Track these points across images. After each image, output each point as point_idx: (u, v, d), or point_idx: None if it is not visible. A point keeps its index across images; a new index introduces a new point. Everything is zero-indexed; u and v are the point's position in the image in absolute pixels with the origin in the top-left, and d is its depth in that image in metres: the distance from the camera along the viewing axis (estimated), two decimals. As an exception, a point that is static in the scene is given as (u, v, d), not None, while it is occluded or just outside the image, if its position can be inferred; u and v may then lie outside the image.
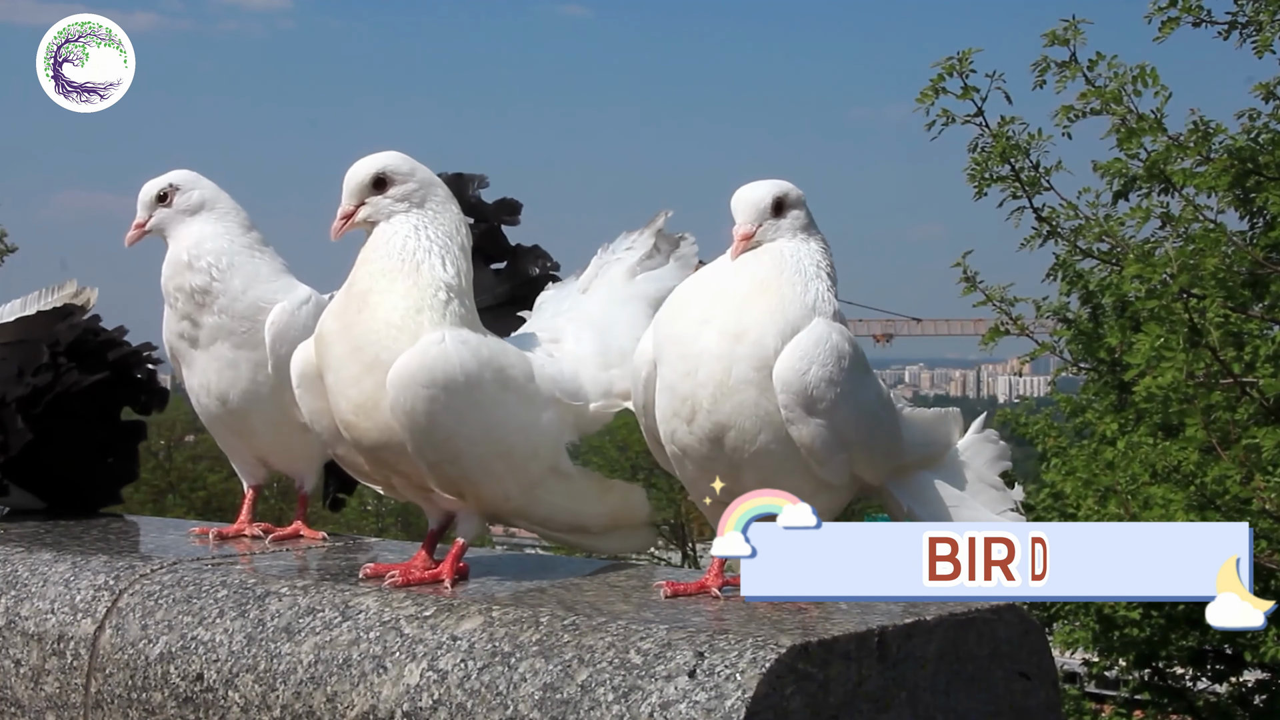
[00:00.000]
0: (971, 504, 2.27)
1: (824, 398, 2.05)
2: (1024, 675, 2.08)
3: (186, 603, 2.25)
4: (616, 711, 1.77)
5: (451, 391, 2.15)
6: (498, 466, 2.24)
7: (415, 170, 2.26)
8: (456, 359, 2.16)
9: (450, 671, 1.93)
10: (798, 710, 1.76)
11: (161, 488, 29.01)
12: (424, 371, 2.14)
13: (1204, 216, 7.10)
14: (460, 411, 2.17)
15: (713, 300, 2.11)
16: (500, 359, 2.24)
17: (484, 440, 2.21)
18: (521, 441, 2.25)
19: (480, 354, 2.20)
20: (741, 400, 2.06)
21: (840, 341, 2.08)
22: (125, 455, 3.14)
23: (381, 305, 2.18)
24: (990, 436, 2.37)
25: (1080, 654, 10.22)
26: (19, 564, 2.50)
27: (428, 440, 2.17)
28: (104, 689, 2.25)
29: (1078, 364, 9.12)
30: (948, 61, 7.00)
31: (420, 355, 2.15)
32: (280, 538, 2.72)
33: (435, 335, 2.17)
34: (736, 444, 2.08)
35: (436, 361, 2.15)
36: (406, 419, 2.15)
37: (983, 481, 2.31)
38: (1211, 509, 6.83)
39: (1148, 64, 6.91)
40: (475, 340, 2.21)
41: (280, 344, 2.61)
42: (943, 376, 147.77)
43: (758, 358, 2.06)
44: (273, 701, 2.06)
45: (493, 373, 2.21)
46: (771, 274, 2.10)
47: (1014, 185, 7.25)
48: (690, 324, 2.11)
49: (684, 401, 2.10)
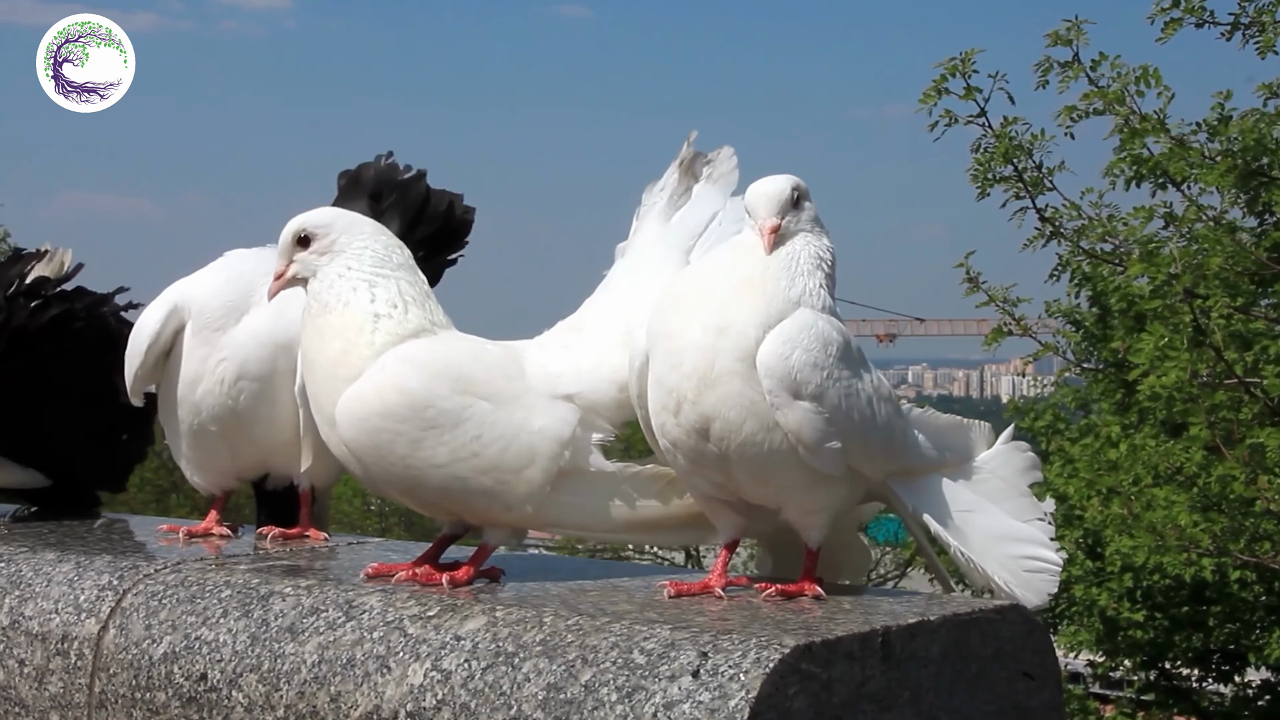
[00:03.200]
0: (990, 509, 2.25)
1: (809, 380, 2.03)
2: (1028, 675, 2.08)
3: (190, 603, 2.26)
4: (620, 711, 1.77)
5: (393, 417, 2.13)
6: (481, 481, 2.17)
7: (334, 221, 2.28)
8: (393, 382, 2.14)
9: (454, 671, 1.93)
10: (801, 710, 1.76)
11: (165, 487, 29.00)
12: (361, 404, 2.14)
13: (1207, 216, 7.09)
14: (410, 435, 2.13)
15: (700, 295, 2.10)
16: (459, 366, 2.18)
17: (452, 458, 2.15)
18: (505, 450, 2.17)
19: (430, 366, 2.16)
20: (726, 391, 2.05)
21: (826, 329, 2.06)
22: (135, 433, 3.10)
23: (320, 359, 2.20)
24: (1020, 447, 2.33)
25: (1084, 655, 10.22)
26: (23, 564, 2.50)
27: (387, 471, 2.17)
28: (108, 689, 2.25)
29: (1081, 364, 9.13)
30: (950, 62, 7.00)
31: (358, 388, 2.15)
32: (285, 537, 2.73)
33: (376, 364, 2.15)
34: (722, 434, 2.06)
35: (372, 391, 2.14)
36: (360, 455, 2.16)
37: (1011, 489, 2.28)
38: (1215, 510, 6.83)
39: (1150, 65, 6.91)
40: (423, 353, 2.17)
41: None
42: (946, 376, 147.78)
43: (740, 349, 2.04)
44: (276, 701, 2.07)
45: (450, 383, 2.15)
46: (758, 270, 2.08)
47: (1017, 186, 7.25)
48: (678, 319, 2.10)
49: (670, 394, 2.09)
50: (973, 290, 7.39)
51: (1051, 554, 2.21)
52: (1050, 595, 2.22)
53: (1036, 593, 2.19)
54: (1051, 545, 2.23)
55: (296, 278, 2.27)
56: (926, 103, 7.07)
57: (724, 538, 2.22)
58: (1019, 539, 2.23)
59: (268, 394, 2.67)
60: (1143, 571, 8.00)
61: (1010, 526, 2.24)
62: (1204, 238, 6.87)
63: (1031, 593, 2.18)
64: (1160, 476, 7.19)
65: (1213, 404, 6.64)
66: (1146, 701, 10.31)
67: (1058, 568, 2.21)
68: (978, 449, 2.32)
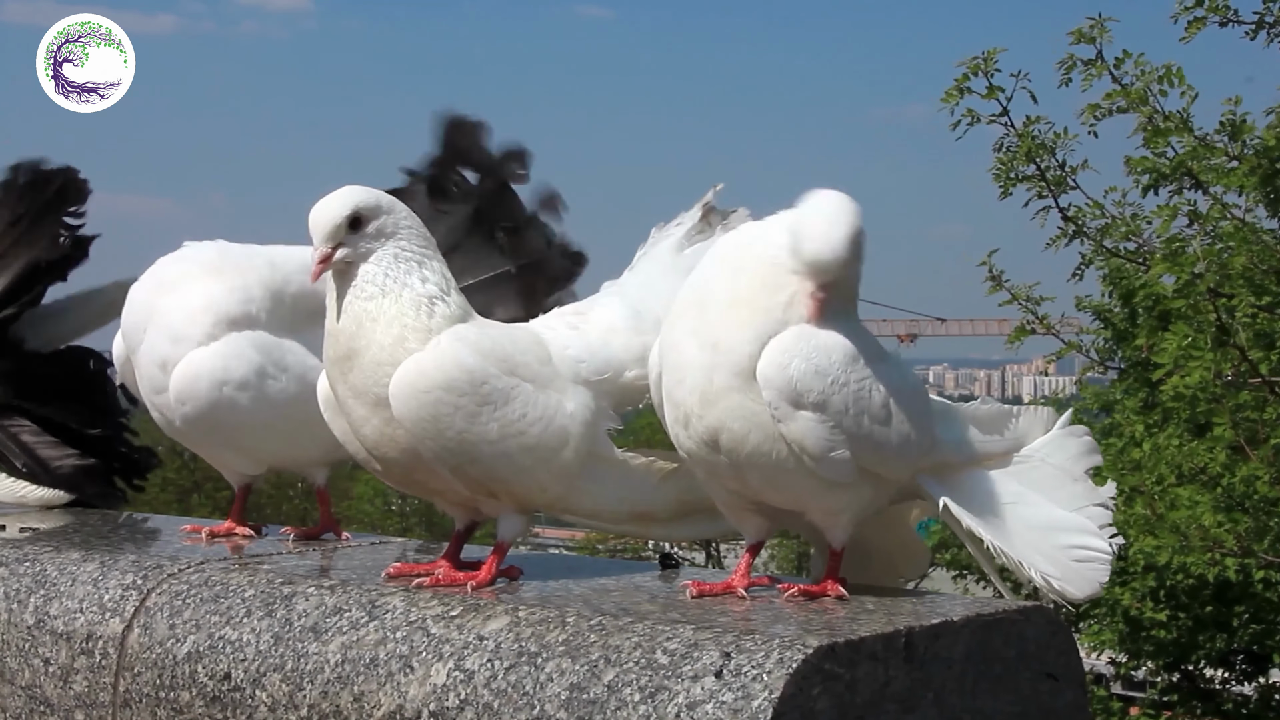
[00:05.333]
0: (1035, 500, 2.21)
1: (810, 389, 2.01)
2: (1051, 676, 2.07)
3: (214, 602, 2.26)
4: (643, 712, 1.77)
5: (454, 390, 2.14)
6: (524, 460, 2.20)
7: (381, 201, 2.24)
8: (452, 357, 2.15)
9: (477, 671, 1.93)
10: (824, 711, 1.76)
11: (186, 487, 29.11)
12: (422, 377, 2.14)
13: (1232, 215, 7.05)
14: (468, 409, 2.15)
15: (694, 310, 2.10)
16: (504, 347, 2.21)
17: (502, 435, 2.18)
18: (545, 430, 2.21)
19: (481, 346, 2.18)
20: (727, 405, 2.04)
21: (829, 337, 2.03)
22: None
23: (370, 345, 2.18)
24: (1075, 431, 2.29)
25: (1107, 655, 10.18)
26: (48, 563, 2.51)
27: (441, 445, 2.16)
28: (132, 688, 2.26)
29: (1104, 363, 9.08)
30: (972, 61, 6.97)
31: (416, 361, 2.15)
32: (308, 536, 2.74)
33: (430, 342, 2.16)
34: (731, 446, 2.06)
35: (431, 364, 2.14)
36: (414, 428, 2.15)
37: (1065, 476, 2.24)
38: (1239, 510, 6.80)
39: (1174, 64, 6.87)
40: (474, 334, 2.19)
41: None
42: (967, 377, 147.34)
43: (734, 364, 2.03)
44: (300, 701, 2.07)
45: (497, 363, 2.18)
46: (754, 286, 2.05)
47: (1039, 185, 7.21)
48: (680, 334, 2.10)
49: (678, 408, 2.10)
50: (995, 289, 7.36)
51: (1101, 542, 2.17)
52: (1102, 584, 2.17)
53: (1086, 582, 2.15)
54: (1102, 533, 2.18)
55: (345, 261, 2.21)
56: (949, 102, 7.04)
57: (748, 540, 2.22)
58: (1066, 528, 2.19)
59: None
60: (1166, 571, 7.96)
61: (1056, 516, 2.20)
62: (1228, 236, 6.83)
63: (1080, 583, 2.14)
64: (1184, 476, 7.15)
65: (1237, 404, 6.60)
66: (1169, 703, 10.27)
67: (1108, 556, 2.17)
68: (1030, 437, 2.28)
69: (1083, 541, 2.18)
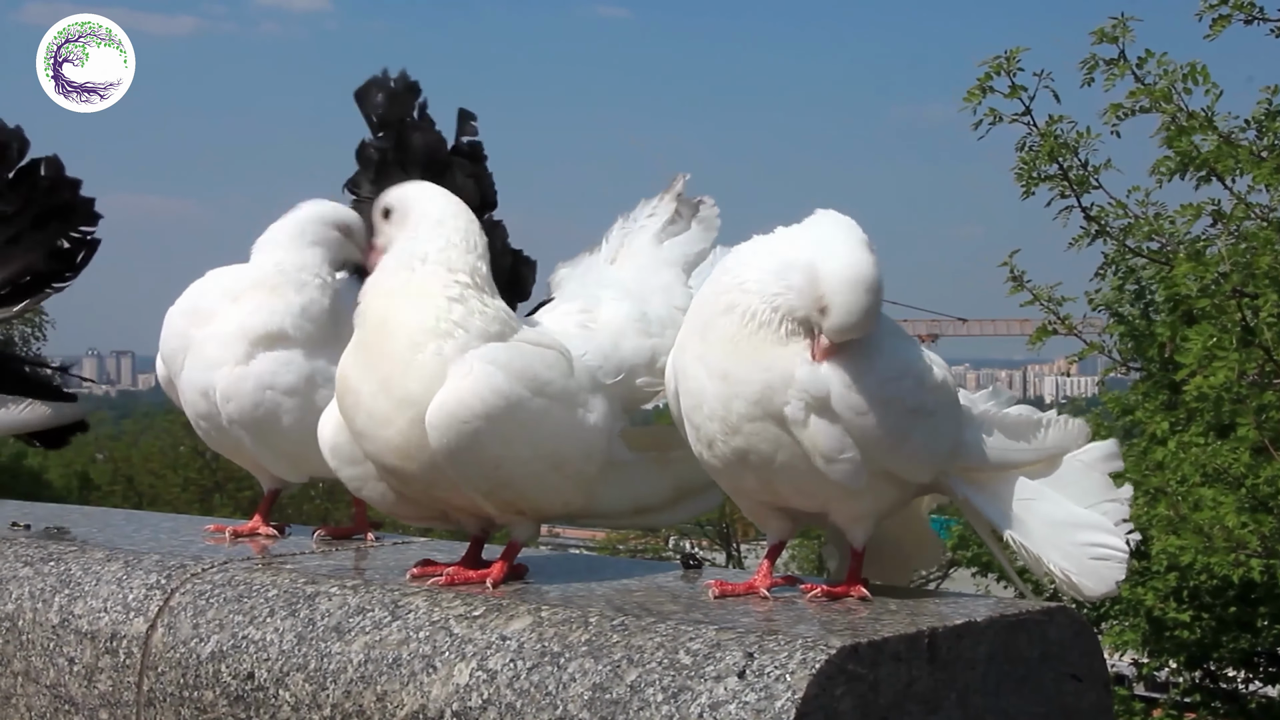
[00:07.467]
0: (1054, 496, 2.20)
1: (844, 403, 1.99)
2: (1075, 677, 2.07)
3: (237, 602, 2.27)
4: (666, 712, 1.77)
5: (492, 419, 2.13)
6: (553, 478, 2.22)
7: (400, 192, 2.31)
8: (488, 384, 2.14)
9: (500, 671, 1.94)
10: (847, 711, 1.75)
11: (208, 487, 29.20)
12: (462, 407, 2.12)
13: (1256, 214, 7.01)
14: (505, 436, 2.15)
15: (700, 339, 2.09)
16: (534, 367, 2.20)
17: (534, 457, 2.19)
18: (573, 446, 2.23)
19: (513, 368, 2.17)
20: (749, 430, 2.04)
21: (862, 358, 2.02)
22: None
23: (401, 328, 2.18)
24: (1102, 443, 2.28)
25: (1129, 655, 10.14)
26: (72, 563, 2.52)
27: (479, 473, 2.16)
28: (156, 687, 2.27)
29: (1126, 364, 9.04)
30: (995, 61, 6.95)
31: (454, 391, 2.13)
32: (339, 535, 2.76)
33: (463, 366, 2.14)
34: (759, 464, 2.07)
35: (469, 393, 2.13)
36: (452, 457, 2.13)
37: (1085, 474, 2.23)
38: (1263, 510, 6.76)
39: (1198, 62, 6.84)
40: (504, 356, 2.18)
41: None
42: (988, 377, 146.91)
43: (749, 395, 2.03)
44: (323, 700, 2.07)
45: (528, 384, 2.17)
46: (752, 327, 2.03)
47: (1062, 184, 7.19)
48: (689, 359, 2.10)
49: (699, 430, 2.10)
50: (1017, 289, 7.34)
51: (1118, 540, 2.16)
52: (1118, 583, 2.17)
53: (1102, 580, 2.15)
54: (1118, 532, 2.17)
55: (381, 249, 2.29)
56: (971, 101, 7.02)
57: (771, 540, 2.22)
58: (1084, 525, 2.18)
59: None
60: (1189, 571, 7.93)
61: (1075, 513, 2.19)
62: (1253, 236, 6.80)
63: (1096, 580, 2.14)
64: (1208, 477, 7.11)
65: (1261, 404, 6.57)
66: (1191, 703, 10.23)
67: (1125, 554, 2.16)
68: (1061, 450, 2.24)
69: (1101, 539, 2.17)
